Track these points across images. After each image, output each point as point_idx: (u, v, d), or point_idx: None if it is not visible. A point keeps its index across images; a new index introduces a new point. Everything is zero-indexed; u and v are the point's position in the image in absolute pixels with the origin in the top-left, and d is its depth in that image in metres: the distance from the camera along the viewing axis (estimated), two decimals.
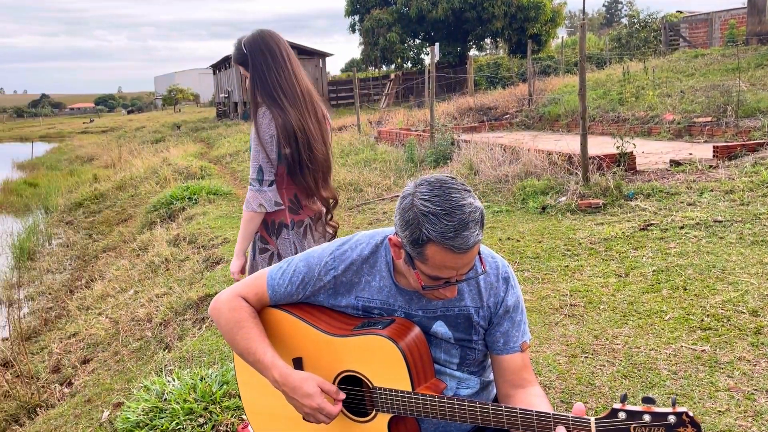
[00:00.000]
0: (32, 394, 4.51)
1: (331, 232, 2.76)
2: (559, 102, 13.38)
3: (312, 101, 2.61)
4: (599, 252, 4.77)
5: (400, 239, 1.55)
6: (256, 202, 2.55)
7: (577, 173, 6.65)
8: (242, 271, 2.74)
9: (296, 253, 2.58)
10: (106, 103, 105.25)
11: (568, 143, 8.17)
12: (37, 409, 4.35)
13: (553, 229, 5.52)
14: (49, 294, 7.56)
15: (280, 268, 1.77)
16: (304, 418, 1.66)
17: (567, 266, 4.57)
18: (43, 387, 4.72)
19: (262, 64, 2.54)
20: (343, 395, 1.64)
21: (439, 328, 1.69)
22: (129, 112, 69.25)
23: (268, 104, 2.53)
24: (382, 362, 1.60)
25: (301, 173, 2.57)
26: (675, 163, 7.12)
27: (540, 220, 5.91)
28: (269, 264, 2.63)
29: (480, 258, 1.59)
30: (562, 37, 26.55)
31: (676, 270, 4.18)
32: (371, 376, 1.63)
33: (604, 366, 3.09)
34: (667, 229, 5.02)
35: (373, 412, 1.65)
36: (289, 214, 2.63)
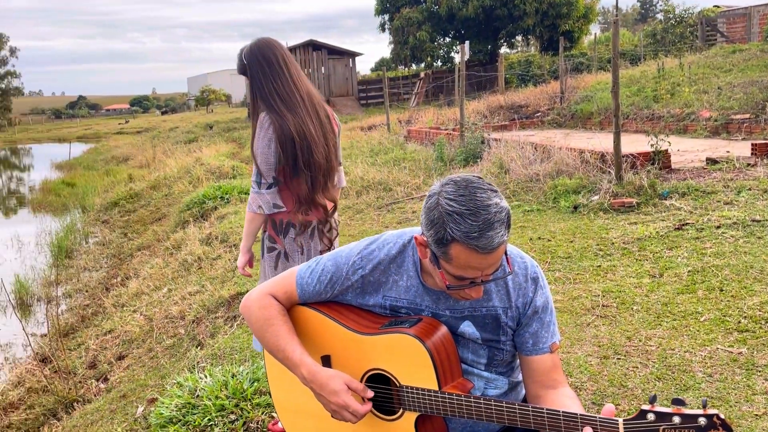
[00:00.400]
0: (70, 389, 4.62)
1: (327, 244, 2.76)
2: (592, 99, 13.20)
3: (313, 104, 2.68)
4: (632, 252, 4.69)
5: (425, 238, 1.55)
6: (256, 204, 2.64)
7: (610, 172, 6.55)
8: (250, 266, 2.81)
9: (303, 253, 2.66)
10: (140, 104, 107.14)
11: (601, 141, 8.05)
12: (74, 403, 4.46)
13: (585, 229, 5.45)
14: (86, 291, 7.73)
15: (309, 267, 1.79)
16: (332, 416, 1.67)
17: (599, 266, 4.51)
18: (80, 382, 4.84)
19: (258, 73, 2.63)
20: (371, 393, 1.65)
21: (467, 328, 1.69)
22: (163, 113, 70.36)
23: (267, 110, 2.61)
24: (408, 361, 1.61)
25: (294, 178, 2.62)
26: (711, 161, 6.96)
27: (572, 220, 5.84)
28: (276, 263, 2.70)
29: (507, 258, 1.58)
30: (595, 33, 26.21)
31: (712, 270, 4.09)
32: (398, 375, 1.64)
33: (637, 368, 3.04)
34: (702, 229, 4.91)
35: (401, 411, 1.66)
36: (300, 216, 2.68)
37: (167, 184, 13.05)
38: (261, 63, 2.63)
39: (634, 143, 8.16)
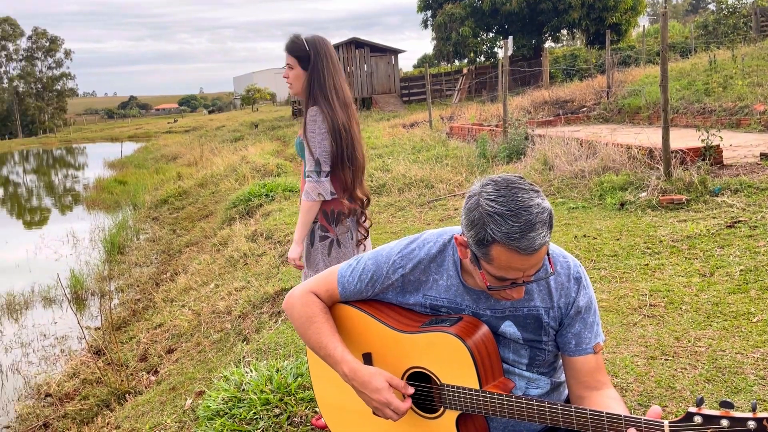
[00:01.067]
0: (122, 380, 4.78)
1: (363, 233, 2.91)
2: (640, 93, 12.88)
3: (351, 104, 2.86)
4: (682, 250, 4.58)
5: (465, 239, 1.55)
6: (315, 192, 2.75)
7: (658, 168, 6.39)
8: (300, 258, 2.89)
9: (353, 239, 2.84)
10: (188, 103, 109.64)
11: (649, 136, 7.86)
12: (126, 395, 4.61)
13: (633, 226, 5.33)
14: (137, 286, 7.96)
15: (350, 266, 1.82)
16: (373, 413, 1.69)
17: (647, 265, 4.41)
18: (131, 374, 5.00)
19: (323, 66, 2.77)
20: (411, 390, 1.66)
21: (508, 328, 1.68)
22: (210, 112, 71.80)
23: (322, 103, 2.75)
24: (449, 359, 1.61)
25: (341, 169, 2.78)
26: (766, 157, 6.72)
27: (618, 217, 5.73)
28: (329, 251, 2.83)
29: (549, 259, 1.56)
30: (644, 26, 25.56)
31: (766, 270, 3.95)
32: (439, 373, 1.64)
33: (686, 369, 2.97)
34: (756, 227, 4.75)
35: (441, 409, 1.67)
36: (346, 202, 2.83)
37: (214, 182, 13.32)
38: (326, 57, 2.78)
39: (684, 138, 7.94)
